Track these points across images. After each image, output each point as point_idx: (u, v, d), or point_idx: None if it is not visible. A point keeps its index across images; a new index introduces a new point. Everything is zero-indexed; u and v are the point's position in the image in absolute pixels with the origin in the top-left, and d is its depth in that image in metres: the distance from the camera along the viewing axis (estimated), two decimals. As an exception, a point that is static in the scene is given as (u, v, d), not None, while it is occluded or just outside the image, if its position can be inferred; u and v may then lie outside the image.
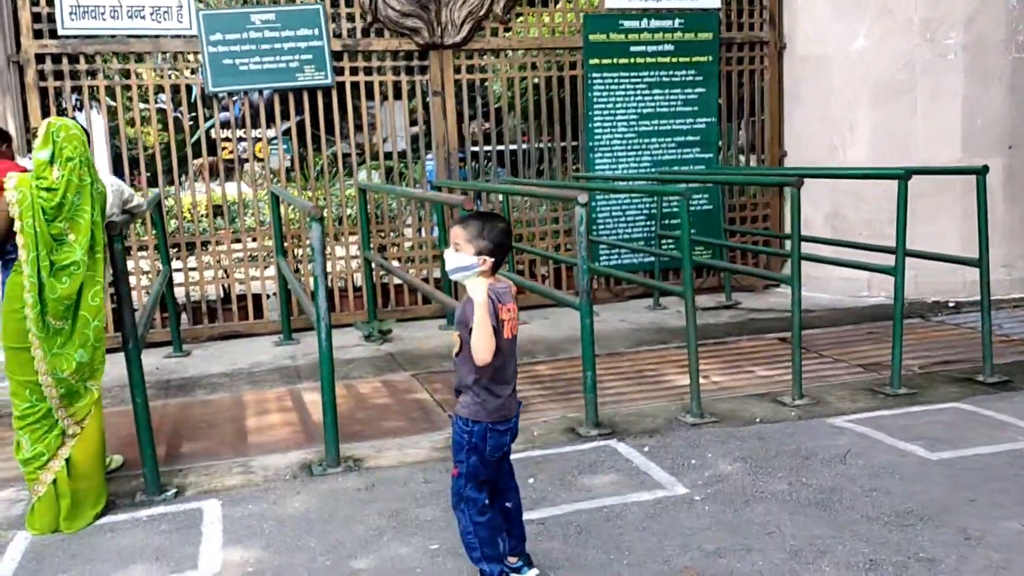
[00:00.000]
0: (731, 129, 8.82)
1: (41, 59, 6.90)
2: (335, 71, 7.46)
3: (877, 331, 6.81)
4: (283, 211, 7.49)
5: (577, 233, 4.51)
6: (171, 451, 4.71)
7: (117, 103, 7.17)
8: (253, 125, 8.19)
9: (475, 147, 9.12)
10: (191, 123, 8.38)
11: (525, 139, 8.58)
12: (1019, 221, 7.94)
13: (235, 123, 7.50)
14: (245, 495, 4.05)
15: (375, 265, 7.40)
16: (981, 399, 4.98)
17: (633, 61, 8.13)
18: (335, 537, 3.56)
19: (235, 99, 7.57)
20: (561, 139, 8.26)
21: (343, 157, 8.82)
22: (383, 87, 7.75)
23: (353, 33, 7.57)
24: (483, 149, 8.53)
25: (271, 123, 7.83)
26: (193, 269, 7.50)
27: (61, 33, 6.88)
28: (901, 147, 7.77)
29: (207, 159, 7.54)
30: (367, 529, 3.62)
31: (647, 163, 8.31)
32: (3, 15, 6.78)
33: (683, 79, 8.28)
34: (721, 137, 8.57)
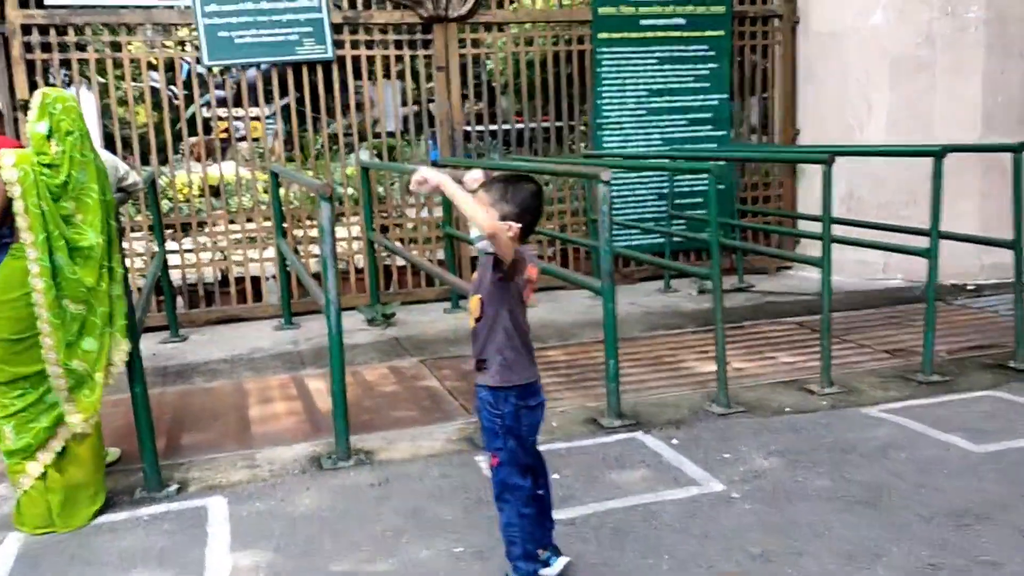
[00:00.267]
0: (743, 106, 8.56)
1: (27, 30, 6.58)
2: (335, 44, 7.17)
3: (897, 315, 6.61)
4: (283, 191, 7.21)
5: (600, 213, 4.26)
6: (171, 443, 4.47)
7: (108, 79, 6.85)
8: (251, 102, 7.89)
9: (480, 126, 8.78)
10: (186, 99, 8.07)
11: (519, 119, 8.18)
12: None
13: (231, 100, 7.17)
14: (252, 491, 3.81)
15: (377, 246, 7.14)
16: (1017, 387, 4.78)
17: (643, 35, 7.85)
18: (351, 538, 3.33)
19: (231, 74, 7.27)
20: (558, 119, 7.95)
21: (344, 135, 8.51)
22: (385, 62, 7.47)
23: (354, 4, 7.27)
24: (488, 128, 8.22)
25: (269, 99, 7.53)
26: (190, 251, 7.23)
27: (48, 2, 6.56)
28: (920, 126, 7.54)
29: (203, 137, 7.23)
30: (384, 529, 3.39)
31: (657, 141, 8.05)
32: (-13, -17, 6.47)
33: (695, 54, 7.99)
34: (732, 115, 8.32)
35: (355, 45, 7.31)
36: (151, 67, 7.43)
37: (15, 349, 3.36)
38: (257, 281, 7.39)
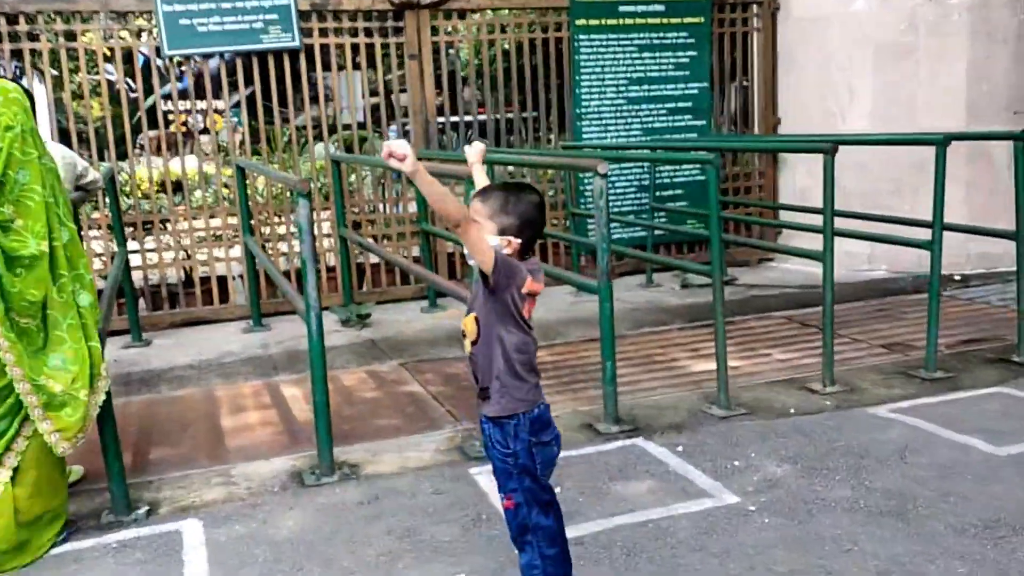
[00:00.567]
0: (723, 94, 8.35)
1: (-25, 19, 6.20)
2: (302, 32, 6.85)
3: (887, 307, 6.46)
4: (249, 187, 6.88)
5: (597, 208, 4.01)
6: (138, 459, 4.15)
7: (62, 71, 6.47)
8: (214, 94, 7.54)
9: (454, 117, 8.46)
10: (144, 92, 7.69)
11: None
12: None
13: (192, 91, 6.82)
14: (229, 512, 3.52)
15: (350, 243, 6.84)
16: None
17: (622, 22, 7.61)
18: (341, 564, 3.06)
19: (192, 64, 6.91)
20: (534, 109, 7.69)
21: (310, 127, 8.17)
22: (355, 50, 7.16)
23: (323, -10, 6.96)
24: (463, 119, 7.90)
25: (234, 90, 7.19)
26: (151, 250, 6.88)
27: (-3, -11, 6.19)
28: (904, 113, 7.40)
29: (163, 131, 6.86)
30: (378, 553, 3.13)
31: (637, 131, 7.82)
32: (-70, -31, 6.07)
33: (674, 41, 7.78)
34: (712, 103, 8.12)
35: (323, 33, 6.99)
36: (107, 58, 7.04)
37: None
38: (223, 281, 7.05)
